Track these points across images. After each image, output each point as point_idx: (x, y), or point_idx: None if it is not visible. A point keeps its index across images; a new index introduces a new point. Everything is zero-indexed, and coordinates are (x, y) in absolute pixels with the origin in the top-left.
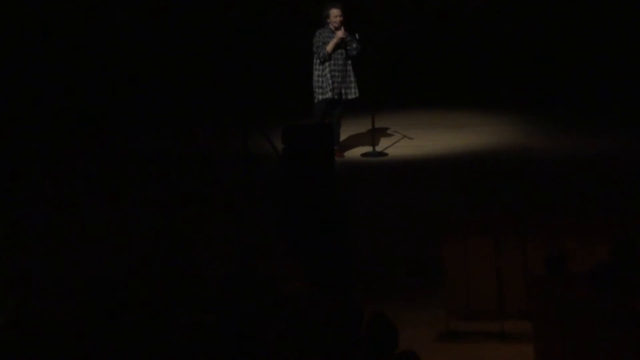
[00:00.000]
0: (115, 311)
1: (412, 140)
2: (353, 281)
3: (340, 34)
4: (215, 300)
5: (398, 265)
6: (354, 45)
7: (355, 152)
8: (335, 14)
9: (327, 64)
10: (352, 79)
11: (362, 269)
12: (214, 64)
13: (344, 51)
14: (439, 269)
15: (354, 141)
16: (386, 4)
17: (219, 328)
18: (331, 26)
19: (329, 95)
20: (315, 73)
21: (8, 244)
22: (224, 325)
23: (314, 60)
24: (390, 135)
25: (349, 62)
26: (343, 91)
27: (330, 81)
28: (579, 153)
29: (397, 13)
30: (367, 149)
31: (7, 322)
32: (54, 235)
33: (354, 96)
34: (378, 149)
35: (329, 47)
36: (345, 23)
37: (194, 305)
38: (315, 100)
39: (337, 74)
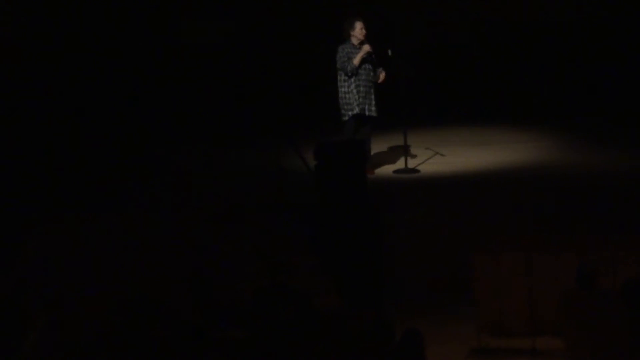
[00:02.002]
0: (147, 327)
1: (444, 157)
2: (384, 297)
3: (367, 47)
4: (248, 316)
5: (429, 281)
6: (374, 65)
7: (388, 169)
8: (360, 27)
9: (353, 79)
10: (373, 96)
11: (394, 284)
12: (248, 80)
13: (367, 66)
14: (470, 285)
15: (386, 158)
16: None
17: (251, 343)
18: (354, 40)
19: (356, 110)
20: (341, 90)
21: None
22: (256, 340)
23: (339, 77)
24: (422, 152)
25: (372, 79)
26: (367, 107)
27: (356, 96)
28: (610, 168)
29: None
30: (399, 165)
31: (38, 340)
32: (80, 249)
33: (372, 114)
34: (410, 165)
35: (356, 61)
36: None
37: (226, 321)
38: (345, 118)
39: (362, 88)
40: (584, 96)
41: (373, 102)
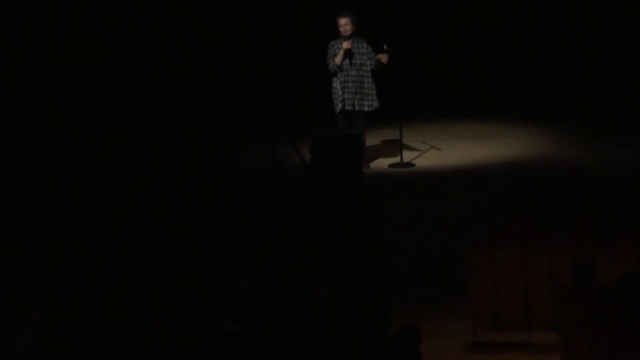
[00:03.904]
0: (144, 322)
1: (440, 151)
2: (380, 291)
3: (345, 45)
4: (245, 310)
5: (425, 275)
6: (368, 58)
7: (383, 163)
8: (341, 23)
9: (339, 75)
10: (368, 90)
11: (389, 278)
12: (243, 74)
13: (358, 61)
14: (466, 279)
15: (381, 152)
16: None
17: (248, 337)
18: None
19: (340, 106)
20: (332, 85)
21: (35, 255)
22: (252, 335)
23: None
24: (417, 146)
25: (364, 73)
26: (357, 102)
27: (340, 93)
28: (607, 162)
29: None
30: (395, 159)
31: (34, 333)
32: (78, 245)
33: (368, 109)
34: (406, 159)
35: (337, 59)
36: (357, 32)
37: (222, 316)
38: (335, 112)
39: (350, 84)
40: (581, 91)
41: (368, 97)
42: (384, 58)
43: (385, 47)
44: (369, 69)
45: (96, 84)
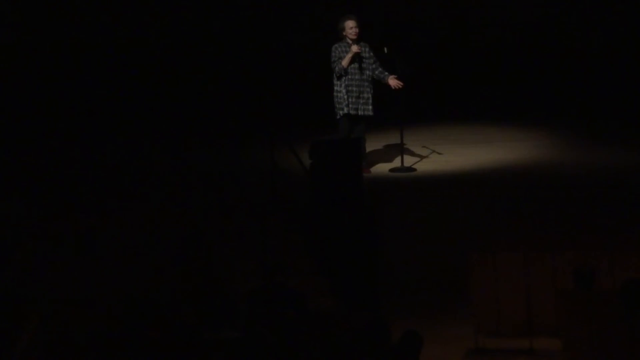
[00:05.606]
0: (141, 328)
1: (441, 155)
2: (380, 297)
3: (354, 48)
4: (243, 316)
5: (426, 281)
6: (373, 67)
7: (384, 168)
8: (350, 26)
9: (343, 79)
10: (368, 95)
11: (390, 284)
12: (242, 77)
13: (361, 66)
14: (467, 285)
15: (382, 156)
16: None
17: (246, 344)
18: (348, 39)
19: (345, 110)
20: (335, 89)
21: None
22: (250, 341)
23: (333, 76)
24: (418, 150)
25: (367, 77)
26: (360, 106)
27: (345, 96)
28: (610, 167)
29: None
30: (396, 164)
31: (30, 342)
32: (76, 248)
33: (366, 113)
34: (406, 164)
35: (345, 62)
36: (360, 35)
37: (220, 322)
38: (337, 117)
39: (354, 88)
40: (583, 94)
41: (369, 102)
42: (394, 83)
43: (385, 50)
44: (371, 74)
45: (96, 85)
